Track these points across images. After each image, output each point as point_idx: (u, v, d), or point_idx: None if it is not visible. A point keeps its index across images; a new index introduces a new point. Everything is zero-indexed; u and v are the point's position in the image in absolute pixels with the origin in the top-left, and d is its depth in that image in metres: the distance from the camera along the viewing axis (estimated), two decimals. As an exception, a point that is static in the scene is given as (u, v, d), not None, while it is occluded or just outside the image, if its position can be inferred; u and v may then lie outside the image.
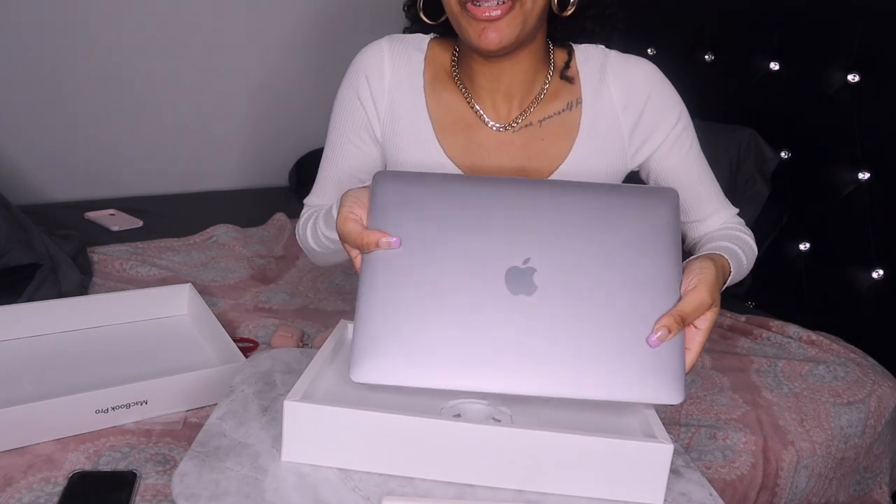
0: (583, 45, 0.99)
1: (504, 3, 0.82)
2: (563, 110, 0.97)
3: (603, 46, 0.99)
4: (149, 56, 2.19)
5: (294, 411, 0.70)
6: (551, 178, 0.96)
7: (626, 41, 1.04)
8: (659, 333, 0.71)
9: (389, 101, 0.97)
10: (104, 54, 2.12)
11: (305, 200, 1.11)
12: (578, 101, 0.97)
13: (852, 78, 1.60)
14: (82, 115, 2.14)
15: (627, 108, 0.97)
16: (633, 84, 0.97)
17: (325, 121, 1.06)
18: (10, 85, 2.01)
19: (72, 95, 2.11)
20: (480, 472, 0.70)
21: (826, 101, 1.66)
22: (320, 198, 1.08)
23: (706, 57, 1.94)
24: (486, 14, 0.82)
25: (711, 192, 1.05)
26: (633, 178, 1.06)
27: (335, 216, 0.81)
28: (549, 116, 0.97)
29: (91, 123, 2.16)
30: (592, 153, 0.97)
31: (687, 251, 1.06)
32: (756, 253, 1.03)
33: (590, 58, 0.98)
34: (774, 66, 1.77)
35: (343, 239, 0.77)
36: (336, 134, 1.03)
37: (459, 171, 0.97)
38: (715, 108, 1.86)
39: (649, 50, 2.08)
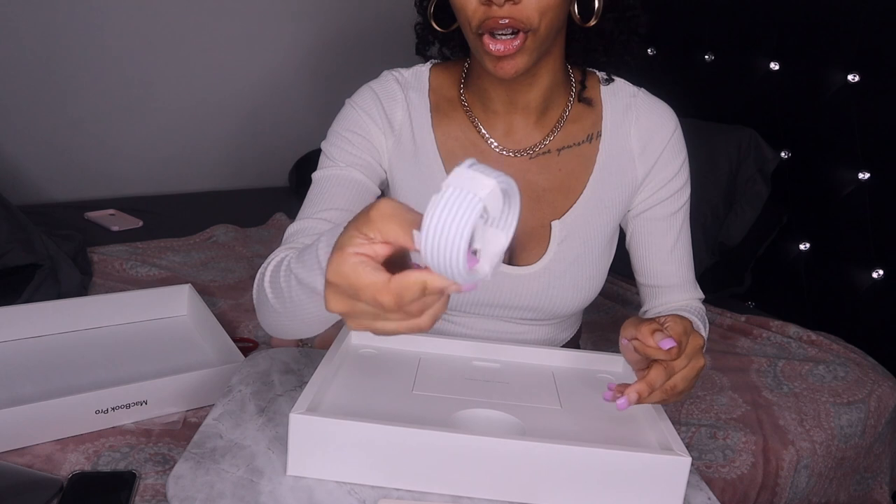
0: (617, 79, 0.96)
1: (517, 34, 0.79)
2: (583, 142, 0.94)
3: (632, 85, 0.96)
4: (149, 56, 2.20)
5: (300, 424, 0.67)
6: (570, 212, 0.93)
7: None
8: (629, 396, 0.69)
9: (398, 137, 0.93)
10: (105, 55, 2.12)
11: (289, 228, 0.89)
12: (598, 135, 0.94)
13: (852, 78, 1.60)
14: (82, 116, 2.14)
15: (645, 152, 0.94)
16: (653, 129, 0.93)
17: (326, 120, 1.00)
18: (10, 85, 2.01)
19: (72, 96, 2.11)
20: (495, 486, 0.67)
21: (826, 101, 1.65)
22: (311, 214, 0.89)
23: (706, 57, 1.93)
24: (500, 48, 0.79)
25: (683, 265, 0.99)
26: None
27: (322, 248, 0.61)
28: (569, 146, 0.93)
29: (91, 124, 2.16)
30: (605, 191, 0.94)
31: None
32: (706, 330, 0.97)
33: (618, 92, 0.95)
34: (774, 66, 1.77)
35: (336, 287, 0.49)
36: (337, 141, 0.92)
37: None
38: (715, 108, 1.86)
39: (649, 50, 2.08)
